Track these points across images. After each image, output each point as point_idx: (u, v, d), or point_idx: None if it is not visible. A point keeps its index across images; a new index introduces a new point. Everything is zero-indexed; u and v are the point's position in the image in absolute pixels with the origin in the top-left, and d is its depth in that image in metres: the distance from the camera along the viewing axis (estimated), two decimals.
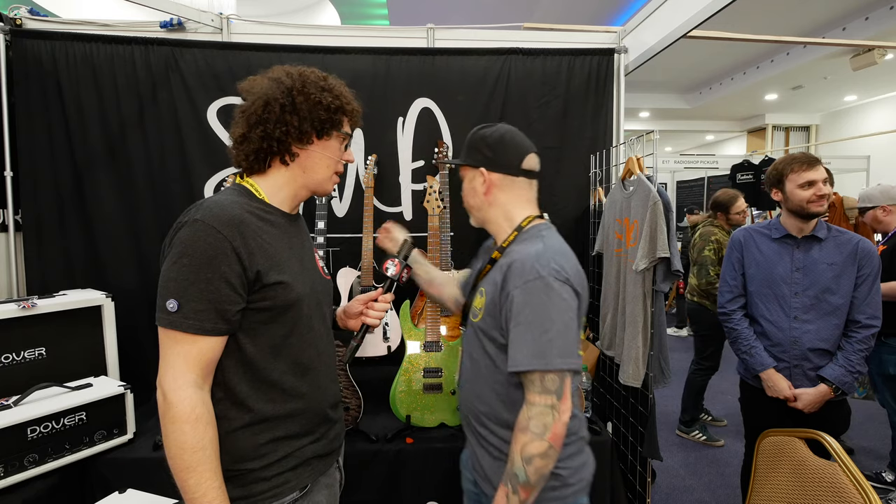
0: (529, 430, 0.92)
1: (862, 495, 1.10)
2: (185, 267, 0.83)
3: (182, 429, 0.81)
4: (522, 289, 0.96)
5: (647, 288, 1.76)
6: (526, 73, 2.26)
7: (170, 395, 0.82)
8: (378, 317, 1.13)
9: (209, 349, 0.85)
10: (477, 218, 1.17)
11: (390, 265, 1.16)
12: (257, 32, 2.26)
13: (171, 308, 0.82)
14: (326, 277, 1.11)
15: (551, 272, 0.96)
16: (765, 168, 5.36)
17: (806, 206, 1.67)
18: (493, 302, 1.02)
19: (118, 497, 1.24)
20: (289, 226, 1.00)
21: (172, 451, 0.81)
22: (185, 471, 0.81)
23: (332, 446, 1.06)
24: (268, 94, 0.94)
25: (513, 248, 1.08)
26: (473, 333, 1.10)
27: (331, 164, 1.01)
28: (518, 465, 0.91)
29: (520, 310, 0.96)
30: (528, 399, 0.95)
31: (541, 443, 0.91)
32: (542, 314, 0.94)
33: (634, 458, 1.95)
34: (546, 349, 0.93)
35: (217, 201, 0.89)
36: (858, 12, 4.65)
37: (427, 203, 1.95)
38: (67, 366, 1.71)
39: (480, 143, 1.11)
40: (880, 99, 7.14)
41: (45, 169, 2.04)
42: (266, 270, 0.88)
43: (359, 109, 1.04)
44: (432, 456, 1.72)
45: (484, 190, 1.11)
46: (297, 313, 0.94)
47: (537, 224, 1.11)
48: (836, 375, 1.65)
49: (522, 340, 0.95)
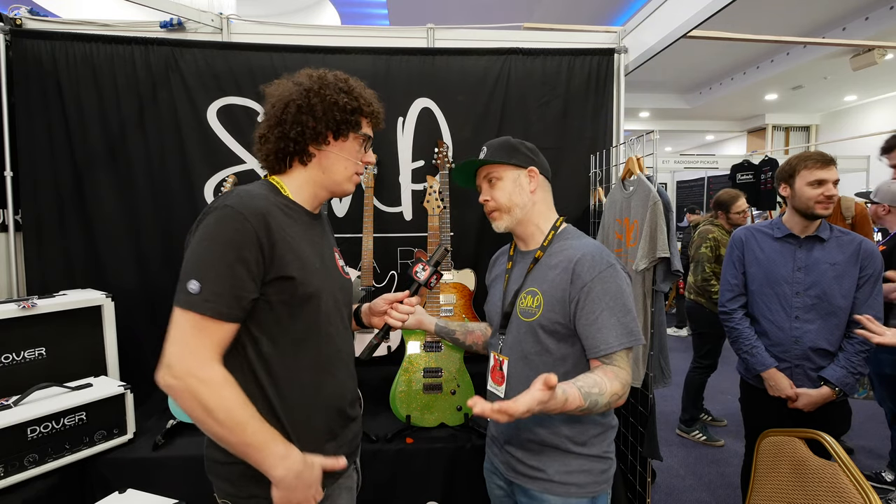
0: (624, 388, 1.04)
1: (862, 495, 1.10)
2: (211, 250, 0.84)
3: (222, 394, 0.83)
4: (599, 278, 1.06)
5: (647, 288, 1.76)
6: (526, 73, 2.26)
7: (199, 372, 0.83)
8: (401, 319, 1.13)
9: (225, 333, 0.86)
10: (516, 217, 1.19)
11: (420, 270, 1.15)
12: (257, 32, 2.26)
13: (193, 290, 0.83)
14: (346, 277, 1.12)
15: (616, 261, 1.09)
16: (765, 168, 5.38)
17: (812, 206, 1.66)
18: (558, 297, 1.09)
19: (118, 497, 1.24)
20: (311, 223, 1.02)
21: (221, 416, 0.82)
22: (240, 427, 0.83)
23: (350, 447, 1.07)
24: (287, 96, 0.96)
25: (561, 245, 1.15)
26: (528, 332, 1.13)
27: (349, 165, 1.02)
28: (605, 401, 1.01)
29: (600, 297, 1.05)
30: (622, 366, 1.06)
31: (620, 401, 1.05)
32: (620, 298, 1.06)
33: (634, 458, 1.95)
34: (633, 327, 1.06)
35: (249, 191, 0.91)
36: (858, 12, 4.66)
37: (427, 203, 1.95)
38: (67, 366, 1.71)
39: (522, 147, 1.20)
40: (880, 99, 7.14)
41: (45, 169, 2.04)
42: (285, 263, 0.90)
43: (380, 111, 1.04)
44: (432, 456, 1.72)
45: (532, 188, 1.18)
46: (315, 309, 0.95)
47: (567, 225, 1.21)
48: (839, 377, 1.64)
49: (609, 324, 1.05)
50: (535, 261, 1.17)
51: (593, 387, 1.00)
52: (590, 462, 1.13)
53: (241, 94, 2.14)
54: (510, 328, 1.18)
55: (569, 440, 1.11)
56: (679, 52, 3.15)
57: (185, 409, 0.84)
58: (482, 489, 1.36)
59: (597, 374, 1.03)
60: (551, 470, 1.12)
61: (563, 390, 0.95)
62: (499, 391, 1.20)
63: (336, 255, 1.11)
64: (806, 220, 1.70)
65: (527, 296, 1.15)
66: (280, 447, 0.88)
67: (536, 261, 1.17)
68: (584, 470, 1.12)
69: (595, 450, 1.13)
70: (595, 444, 1.13)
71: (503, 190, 1.18)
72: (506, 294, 1.23)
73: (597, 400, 1.00)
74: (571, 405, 0.96)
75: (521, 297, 1.16)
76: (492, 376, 1.23)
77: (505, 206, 1.18)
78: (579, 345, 1.10)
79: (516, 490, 1.19)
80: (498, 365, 1.20)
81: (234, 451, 0.86)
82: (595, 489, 1.13)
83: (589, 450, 1.13)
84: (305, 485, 0.90)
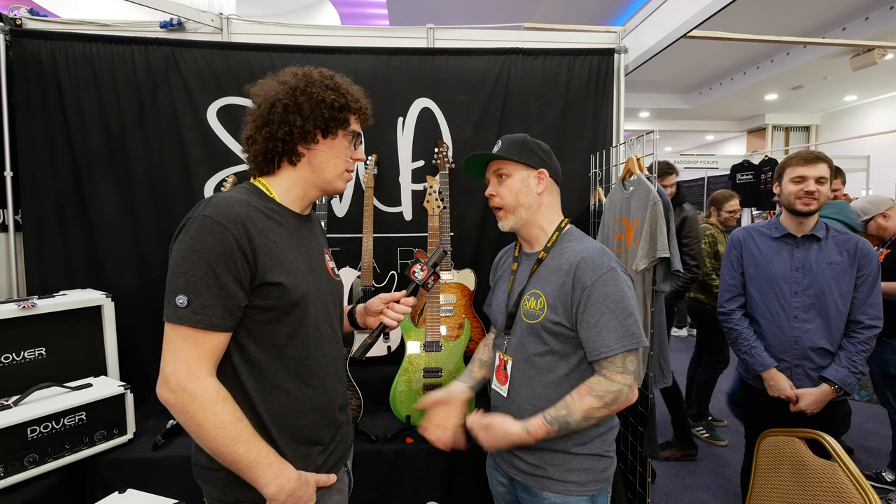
0: (603, 400, 1.05)
1: (862, 495, 1.10)
2: (194, 262, 0.83)
3: (215, 410, 0.83)
4: (599, 282, 1.06)
5: (646, 288, 1.76)
6: (526, 73, 2.26)
7: (190, 386, 0.83)
8: (397, 318, 1.12)
9: (218, 343, 0.86)
10: (521, 217, 1.19)
11: (418, 270, 1.15)
12: (257, 32, 2.25)
13: (181, 304, 0.83)
14: (336, 279, 1.11)
15: (617, 264, 1.09)
16: (765, 168, 5.38)
17: (792, 202, 1.69)
18: (561, 300, 1.09)
19: (118, 497, 1.24)
20: (298, 226, 1.00)
21: (212, 434, 0.83)
22: (232, 444, 0.83)
23: (339, 453, 1.06)
24: (273, 96, 0.95)
25: (563, 247, 1.16)
26: (532, 334, 1.14)
27: (339, 162, 1.00)
28: (576, 418, 1.05)
29: (601, 300, 1.05)
30: (609, 376, 1.06)
31: (605, 410, 1.06)
32: (621, 302, 1.06)
33: (634, 458, 1.95)
34: (634, 330, 1.06)
35: (225, 198, 0.89)
36: (858, 12, 4.66)
37: (427, 203, 1.95)
38: (67, 366, 1.71)
39: (536, 148, 1.19)
40: (880, 99, 7.14)
41: (45, 169, 2.04)
42: (268, 269, 0.89)
43: (367, 107, 1.03)
44: (432, 456, 1.72)
45: (539, 191, 1.18)
46: (302, 314, 0.94)
47: (571, 227, 1.22)
48: (840, 376, 1.64)
49: (609, 327, 1.05)
50: (539, 262, 1.17)
51: (561, 409, 1.06)
52: (590, 461, 1.13)
53: (241, 94, 2.13)
54: (514, 329, 1.19)
55: (569, 440, 1.12)
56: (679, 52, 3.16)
57: (181, 423, 0.85)
58: (482, 489, 1.36)
59: (570, 395, 1.07)
60: (552, 468, 1.12)
61: (522, 425, 1.06)
62: (502, 390, 1.21)
63: (326, 256, 1.09)
64: (795, 217, 1.72)
65: (530, 298, 1.15)
66: (273, 465, 0.87)
67: (540, 262, 1.17)
68: (585, 469, 1.12)
69: (595, 448, 1.14)
70: (596, 443, 1.14)
71: (510, 188, 1.18)
72: (510, 295, 1.23)
73: (567, 421, 1.05)
74: (538, 434, 1.05)
75: (525, 298, 1.16)
76: (496, 375, 1.23)
77: (510, 205, 1.18)
78: (582, 347, 1.10)
79: (517, 487, 1.20)
80: (502, 364, 1.21)
81: (228, 467, 0.86)
82: (595, 487, 1.13)
83: (589, 449, 1.13)
84: (301, 503, 0.91)
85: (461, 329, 1.94)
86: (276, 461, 0.88)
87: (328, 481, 0.98)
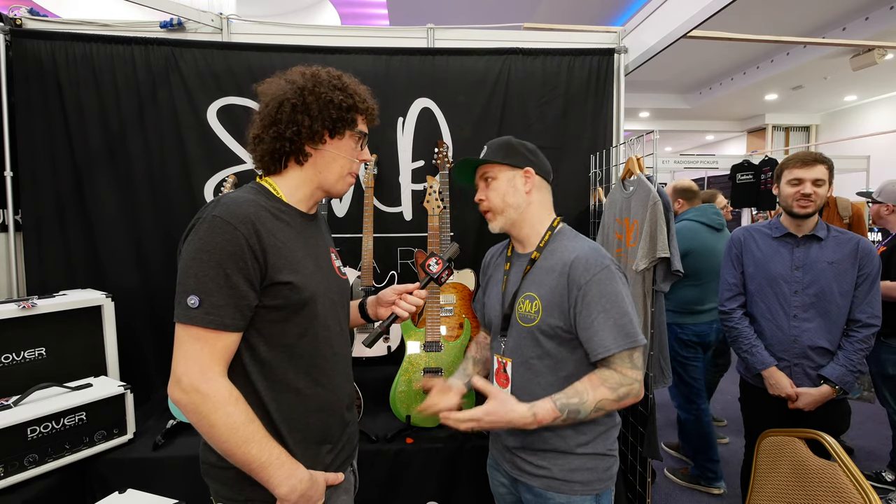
0: (616, 392, 1.04)
1: (862, 495, 1.10)
2: (205, 263, 0.83)
3: (227, 411, 0.83)
4: (594, 281, 1.05)
5: (647, 288, 1.76)
6: (526, 73, 2.26)
7: (203, 387, 0.83)
8: (409, 309, 1.12)
9: (230, 344, 0.86)
10: (510, 218, 1.18)
11: (433, 263, 1.15)
12: (257, 32, 2.26)
13: (192, 304, 0.83)
14: (343, 277, 1.11)
15: (611, 262, 1.08)
16: (765, 168, 5.37)
17: (790, 204, 1.70)
18: (556, 302, 1.08)
19: (118, 497, 1.24)
20: (305, 225, 1.00)
21: (225, 435, 0.83)
22: (244, 444, 0.83)
23: (346, 452, 1.07)
24: (281, 95, 0.95)
25: (556, 247, 1.15)
26: (528, 337, 1.13)
27: (345, 163, 1.00)
28: (588, 409, 1.03)
29: (596, 300, 1.05)
30: (622, 371, 1.05)
31: (616, 404, 1.06)
32: (616, 300, 1.05)
33: (634, 458, 1.95)
34: (630, 329, 1.05)
35: (234, 198, 0.89)
36: (858, 12, 4.65)
37: (427, 203, 1.95)
38: (67, 366, 1.71)
39: (521, 148, 1.19)
40: (880, 99, 7.13)
41: (45, 169, 2.04)
42: (278, 269, 0.89)
43: (374, 107, 1.03)
44: (432, 456, 1.72)
45: (526, 189, 1.17)
46: (310, 313, 0.94)
47: (563, 225, 1.20)
48: (838, 375, 1.65)
49: (605, 326, 1.04)
50: (532, 262, 1.16)
51: (572, 396, 1.03)
52: (593, 460, 1.13)
53: (241, 94, 2.14)
54: (510, 332, 1.18)
55: (572, 439, 1.11)
56: (679, 52, 3.15)
57: (193, 424, 0.85)
58: (482, 489, 1.36)
59: (581, 383, 1.06)
60: (555, 468, 1.12)
61: (530, 406, 1.01)
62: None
63: (333, 255, 1.10)
64: (793, 219, 1.72)
65: (525, 300, 1.14)
66: (285, 465, 0.88)
67: (533, 262, 1.16)
68: (588, 468, 1.12)
69: (599, 448, 1.14)
70: (598, 442, 1.14)
71: (497, 190, 1.17)
72: (504, 297, 1.22)
73: (577, 409, 1.02)
74: (545, 419, 1.01)
75: (520, 301, 1.15)
76: (497, 379, 1.22)
77: (498, 206, 1.17)
78: (581, 348, 1.10)
79: (520, 487, 1.19)
80: (502, 367, 1.20)
81: (240, 467, 0.86)
82: (599, 486, 1.13)
83: (593, 448, 1.13)
84: (311, 502, 0.91)
85: (461, 329, 1.94)
86: (288, 461, 0.89)
87: (337, 480, 0.99)
